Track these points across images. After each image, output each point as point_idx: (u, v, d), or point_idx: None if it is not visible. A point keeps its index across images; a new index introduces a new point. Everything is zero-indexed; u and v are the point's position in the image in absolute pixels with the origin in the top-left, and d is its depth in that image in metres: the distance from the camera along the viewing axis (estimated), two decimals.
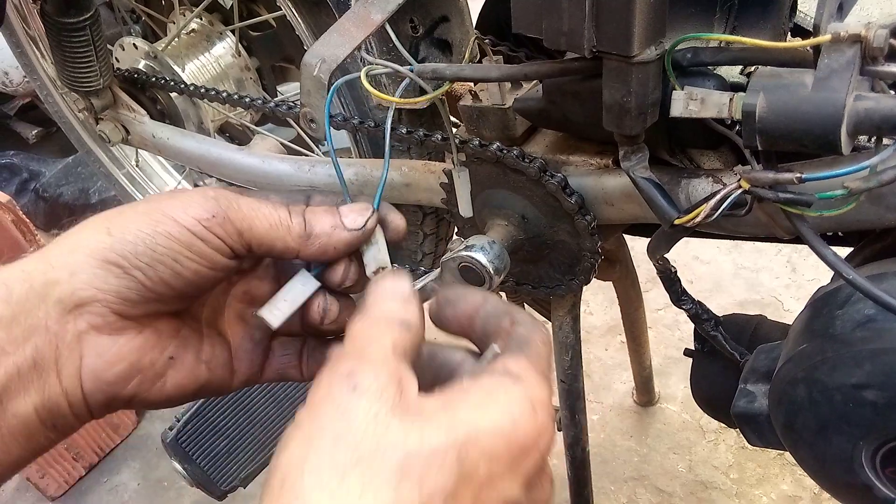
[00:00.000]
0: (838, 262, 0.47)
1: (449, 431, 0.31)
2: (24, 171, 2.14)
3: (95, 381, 0.39)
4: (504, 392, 0.34)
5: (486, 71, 0.64)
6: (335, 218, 0.42)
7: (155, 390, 0.42)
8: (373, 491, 0.29)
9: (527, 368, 0.35)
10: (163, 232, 0.39)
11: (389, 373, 0.33)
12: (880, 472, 0.54)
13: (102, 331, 0.39)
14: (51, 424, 0.39)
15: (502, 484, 0.32)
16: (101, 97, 1.01)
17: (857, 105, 0.43)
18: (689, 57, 0.53)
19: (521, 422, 0.33)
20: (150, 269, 0.38)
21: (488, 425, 0.32)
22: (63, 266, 0.38)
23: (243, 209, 0.40)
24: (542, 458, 0.34)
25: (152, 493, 1.39)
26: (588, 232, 0.67)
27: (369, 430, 0.30)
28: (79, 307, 0.38)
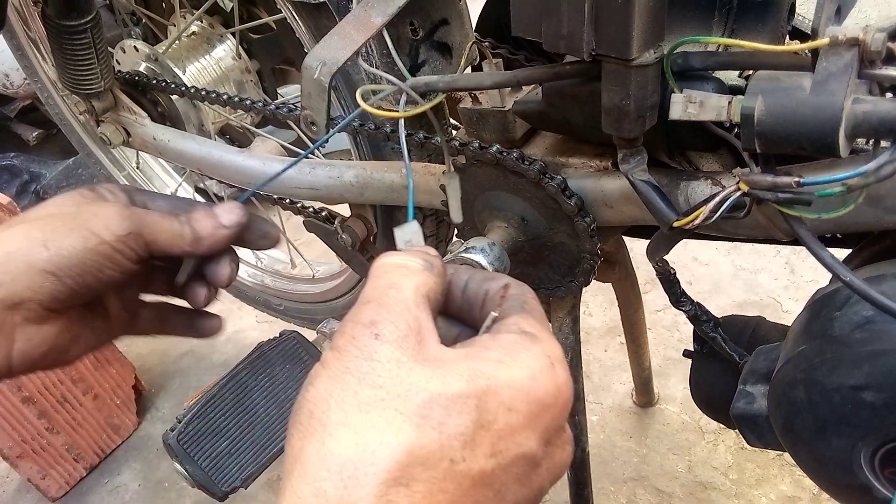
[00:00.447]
0: (836, 264, 0.47)
1: (470, 381, 0.32)
2: (24, 173, 2.14)
3: (24, 358, 0.49)
4: (524, 349, 0.35)
5: (479, 80, 0.64)
6: (214, 218, 0.52)
7: (61, 359, 0.51)
8: (395, 429, 0.31)
9: (538, 327, 0.37)
10: (92, 248, 0.47)
11: (409, 322, 0.34)
12: (879, 472, 0.54)
13: (32, 322, 0.48)
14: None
15: (520, 437, 0.33)
16: (103, 99, 1.01)
17: (854, 108, 0.44)
18: (688, 60, 0.53)
19: (541, 378, 0.34)
20: (79, 277, 0.47)
21: (508, 379, 0.33)
22: (5, 273, 0.46)
23: (150, 225, 0.50)
24: (560, 416, 0.35)
25: (153, 493, 1.39)
26: (587, 234, 0.67)
27: (393, 372, 0.32)
28: (17, 305, 0.47)
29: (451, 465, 0.31)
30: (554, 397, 0.34)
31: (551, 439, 0.35)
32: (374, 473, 0.30)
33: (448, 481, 0.31)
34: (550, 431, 0.34)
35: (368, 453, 0.30)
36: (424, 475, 0.30)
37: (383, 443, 0.30)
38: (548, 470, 0.35)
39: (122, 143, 1.06)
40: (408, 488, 0.30)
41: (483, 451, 0.32)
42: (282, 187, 0.90)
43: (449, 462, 0.31)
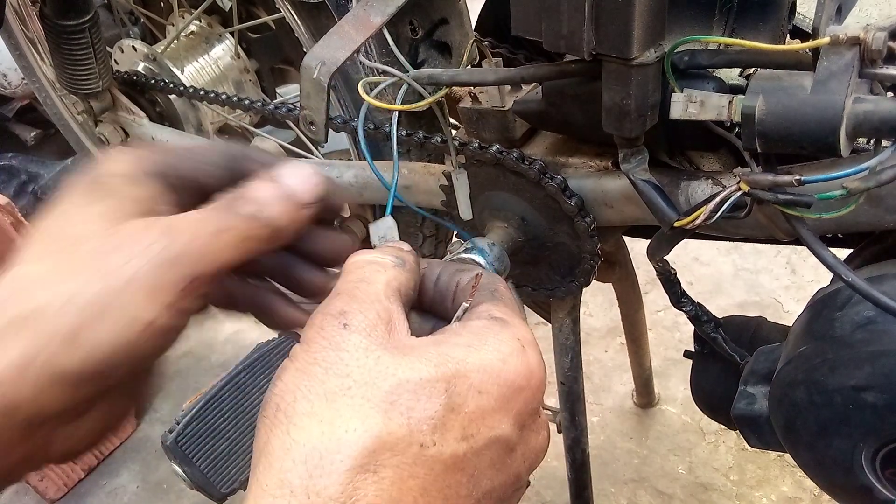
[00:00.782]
0: (837, 264, 0.47)
1: (438, 365, 0.32)
2: (22, 174, 2.14)
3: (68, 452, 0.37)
4: (493, 333, 0.34)
5: (483, 75, 0.64)
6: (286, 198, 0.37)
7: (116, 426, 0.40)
8: (361, 416, 0.30)
9: (508, 313, 0.36)
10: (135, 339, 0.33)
11: (378, 312, 0.34)
12: (880, 473, 0.54)
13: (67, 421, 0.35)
14: None
15: (492, 420, 0.32)
16: (100, 99, 1.01)
17: (855, 107, 0.43)
18: (688, 59, 0.53)
19: (511, 360, 0.33)
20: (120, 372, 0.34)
21: (478, 362, 0.33)
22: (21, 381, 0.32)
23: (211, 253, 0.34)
24: (534, 399, 0.34)
25: (152, 495, 1.39)
26: (588, 234, 0.67)
27: (360, 361, 0.32)
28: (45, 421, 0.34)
29: (420, 450, 0.30)
30: (526, 379, 0.34)
31: (525, 423, 0.34)
32: (340, 461, 0.29)
33: (418, 466, 0.30)
34: (524, 415, 0.34)
35: (334, 441, 0.30)
36: (393, 461, 0.30)
37: (349, 430, 0.30)
38: (523, 455, 0.35)
39: (120, 143, 1.06)
40: (375, 474, 0.30)
41: (454, 434, 0.31)
42: None
43: (419, 447, 0.30)
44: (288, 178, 0.37)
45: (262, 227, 0.36)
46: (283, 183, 0.37)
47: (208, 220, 0.36)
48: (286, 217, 0.36)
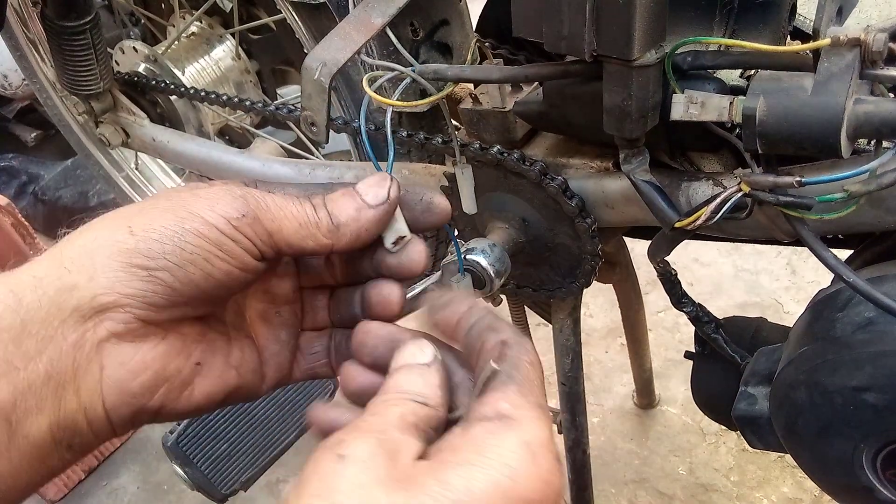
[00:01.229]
0: (838, 264, 0.47)
1: (434, 498, 0.28)
2: (22, 174, 2.14)
3: (119, 393, 0.36)
4: (497, 442, 0.30)
5: (488, 72, 0.64)
6: (356, 199, 0.39)
7: (183, 399, 0.38)
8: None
9: (520, 404, 0.32)
10: (191, 230, 0.35)
11: (381, 441, 0.31)
12: (881, 474, 0.54)
13: (124, 338, 0.36)
14: (66, 445, 0.35)
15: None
16: (101, 100, 1.01)
17: (856, 108, 0.43)
18: (689, 60, 0.53)
19: (521, 473, 0.30)
20: (179, 270, 0.35)
21: (482, 485, 0.29)
22: (80, 269, 0.35)
23: (272, 209, 0.37)
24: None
25: (152, 496, 1.39)
26: (588, 235, 0.67)
27: (349, 495, 0.28)
28: (99, 314, 0.35)
29: None
30: (541, 492, 0.30)
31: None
32: None
33: None
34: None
35: None
36: None
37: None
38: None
39: (120, 144, 1.06)
40: None
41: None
42: None
43: None
44: (359, 184, 0.40)
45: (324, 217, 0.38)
46: (354, 188, 0.40)
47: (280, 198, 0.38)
48: (347, 214, 0.39)
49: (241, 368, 0.41)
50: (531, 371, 0.34)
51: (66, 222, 2.03)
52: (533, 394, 0.33)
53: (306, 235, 0.38)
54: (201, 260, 0.36)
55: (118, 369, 0.36)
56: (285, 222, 0.38)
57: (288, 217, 0.38)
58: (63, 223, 2.02)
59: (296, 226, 0.38)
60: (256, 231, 0.37)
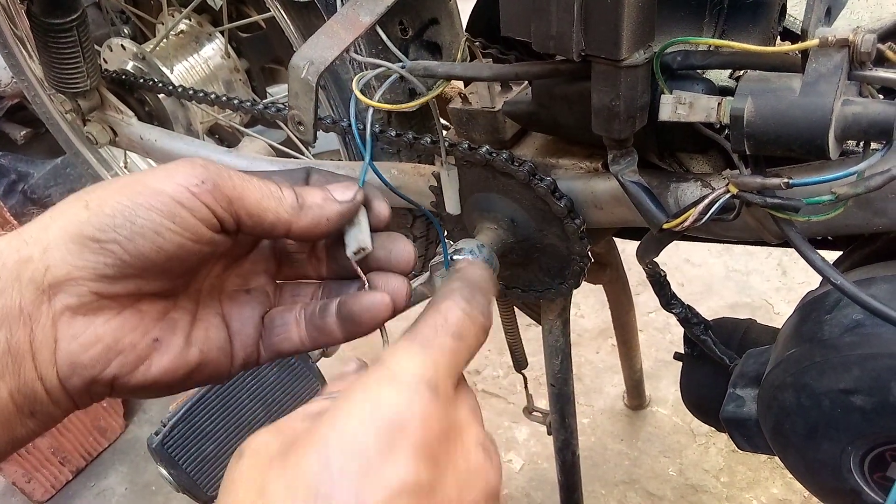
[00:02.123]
0: (826, 267, 0.47)
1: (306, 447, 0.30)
2: (12, 173, 2.12)
3: (71, 364, 0.37)
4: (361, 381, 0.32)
5: (478, 70, 0.63)
6: (325, 191, 0.41)
7: (139, 374, 0.39)
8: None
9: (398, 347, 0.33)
10: (143, 203, 0.36)
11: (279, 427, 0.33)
12: (868, 477, 0.54)
13: (78, 312, 0.37)
14: (28, 411, 0.37)
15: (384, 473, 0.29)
16: (89, 98, 1.00)
17: (844, 110, 0.43)
18: (679, 60, 0.53)
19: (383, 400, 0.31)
20: (128, 243, 0.36)
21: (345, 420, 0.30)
22: (36, 242, 0.36)
23: (234, 178, 0.38)
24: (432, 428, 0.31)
25: (140, 497, 1.38)
26: (577, 236, 0.66)
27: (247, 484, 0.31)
28: (53, 287, 0.36)
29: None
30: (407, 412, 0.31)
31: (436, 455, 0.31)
32: None
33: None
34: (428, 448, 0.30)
35: None
36: None
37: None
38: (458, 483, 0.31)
39: (108, 143, 1.05)
40: None
41: None
42: None
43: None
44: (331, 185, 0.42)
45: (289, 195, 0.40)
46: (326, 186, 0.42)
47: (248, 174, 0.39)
48: (314, 199, 0.40)
49: (205, 346, 0.42)
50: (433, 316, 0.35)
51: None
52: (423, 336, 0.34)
53: (267, 207, 0.39)
54: (151, 233, 0.36)
55: (70, 342, 0.37)
56: (246, 192, 0.38)
57: (250, 188, 0.39)
58: None
59: (257, 196, 0.39)
60: (216, 197, 0.37)
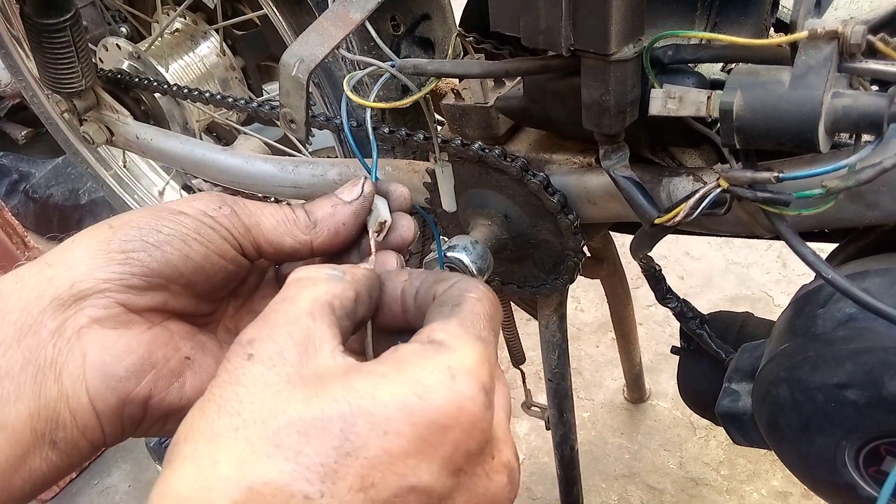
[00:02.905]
0: (817, 261, 0.46)
1: (337, 401, 0.28)
2: (13, 173, 2.13)
3: (104, 377, 0.35)
4: (418, 361, 0.29)
5: (468, 67, 0.63)
6: (332, 198, 0.41)
7: (174, 392, 0.37)
8: (239, 461, 0.27)
9: (457, 334, 0.31)
10: (168, 217, 0.37)
11: (292, 335, 0.30)
12: (864, 471, 0.53)
13: (106, 324, 0.35)
14: (50, 440, 0.34)
15: (402, 465, 0.27)
16: (84, 98, 1.00)
17: (834, 102, 0.43)
18: (670, 54, 0.52)
19: (433, 393, 0.28)
20: (155, 250, 0.36)
21: (386, 397, 0.28)
22: (59, 263, 0.35)
23: (249, 206, 0.39)
24: (469, 439, 0.29)
25: (143, 495, 1.38)
26: (571, 231, 0.66)
27: (257, 396, 0.28)
28: (78, 300, 0.35)
29: (304, 502, 0.26)
30: (453, 418, 0.28)
31: (462, 468, 0.29)
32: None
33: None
34: (458, 459, 0.29)
35: (204, 491, 0.26)
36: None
37: (221, 478, 0.26)
38: (473, 502, 0.30)
39: (105, 143, 1.05)
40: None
41: (348, 483, 0.27)
42: (266, 186, 0.89)
43: (302, 498, 0.26)
44: (337, 190, 0.42)
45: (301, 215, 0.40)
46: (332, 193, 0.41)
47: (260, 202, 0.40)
48: (324, 210, 0.40)
49: None
50: (477, 305, 0.33)
51: (56, 220, 2.01)
52: (475, 326, 0.32)
53: (284, 232, 0.39)
54: (178, 241, 0.36)
55: (101, 353, 0.35)
56: (262, 218, 0.39)
57: (265, 214, 0.39)
58: (54, 221, 2.01)
59: (273, 222, 0.39)
60: (234, 223, 0.38)
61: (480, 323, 0.32)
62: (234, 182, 0.92)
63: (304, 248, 0.40)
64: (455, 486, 0.29)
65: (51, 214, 2.03)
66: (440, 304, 0.33)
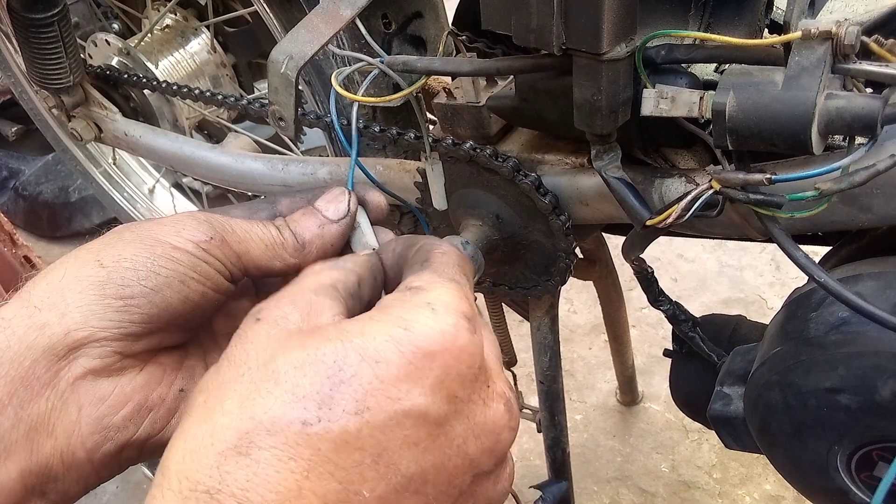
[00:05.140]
0: (810, 264, 0.46)
1: (330, 340, 0.30)
2: (3, 170, 2.11)
3: (101, 429, 0.35)
4: (399, 303, 0.32)
5: (459, 65, 0.62)
6: (318, 216, 0.41)
7: (170, 429, 0.37)
8: (242, 398, 0.29)
9: (429, 279, 0.33)
10: (162, 254, 0.36)
11: (296, 303, 0.33)
12: (856, 476, 0.53)
13: (101, 374, 0.35)
14: (39, 491, 0.34)
15: (396, 390, 0.29)
16: (72, 94, 0.99)
17: (827, 104, 0.42)
18: (663, 54, 0.52)
19: (417, 324, 0.30)
20: (155, 295, 0.35)
21: (374, 331, 0.30)
22: (50, 307, 0.34)
23: (237, 232, 0.38)
24: (459, 364, 0.30)
25: (131, 495, 1.37)
26: (563, 232, 0.65)
27: (261, 347, 0.31)
28: (73, 351, 0.34)
29: (303, 428, 0.28)
30: (438, 343, 0.30)
31: (456, 394, 0.30)
32: (210, 445, 0.28)
33: (301, 446, 0.28)
34: (450, 384, 0.30)
35: (210, 426, 0.29)
36: (269, 441, 0.28)
37: (226, 413, 0.29)
38: (469, 432, 0.31)
39: (93, 139, 1.04)
40: (248, 457, 0.28)
41: (344, 407, 0.28)
42: (256, 185, 0.88)
43: (300, 425, 0.28)
44: (318, 201, 0.41)
45: (289, 237, 0.40)
46: (313, 205, 0.41)
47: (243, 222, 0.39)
48: (311, 231, 0.40)
49: None
50: (444, 257, 0.36)
51: (46, 218, 1.98)
52: (447, 272, 0.34)
53: (273, 256, 0.39)
54: (177, 283, 0.36)
55: (98, 406, 0.35)
56: (252, 244, 0.39)
57: (254, 239, 0.39)
58: (44, 218, 1.99)
59: (262, 247, 0.39)
60: (225, 253, 0.38)
61: (451, 270, 0.35)
62: (224, 180, 0.91)
63: (292, 270, 0.40)
64: (452, 412, 0.30)
65: (40, 212, 2.01)
66: (411, 264, 0.36)
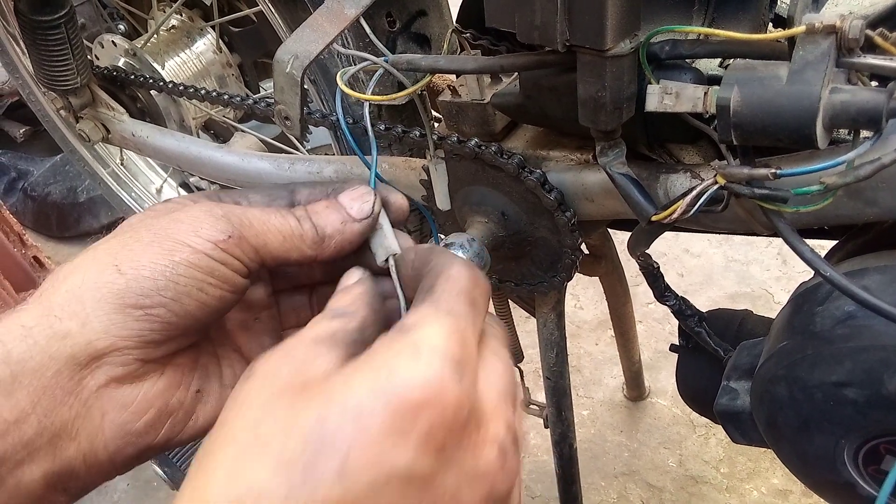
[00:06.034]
0: (815, 258, 0.46)
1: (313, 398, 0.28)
2: (11, 171, 2.12)
3: (125, 435, 0.36)
4: (385, 348, 0.30)
5: (463, 62, 0.63)
6: (341, 212, 0.40)
7: (188, 430, 0.39)
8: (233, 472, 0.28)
9: (423, 313, 0.31)
10: (181, 261, 0.35)
11: (289, 353, 0.31)
12: (863, 470, 0.53)
13: (123, 381, 0.35)
14: (61, 488, 0.35)
15: (381, 447, 0.27)
16: (80, 96, 0.99)
17: (832, 98, 0.42)
18: (667, 50, 0.52)
19: (400, 373, 0.28)
20: (175, 304, 0.35)
21: (358, 382, 0.28)
22: (71, 315, 0.34)
23: (255, 225, 0.38)
24: (449, 414, 0.28)
25: (142, 493, 1.38)
26: (568, 228, 0.66)
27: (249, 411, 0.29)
28: (95, 360, 0.34)
29: (289, 493, 0.26)
30: (422, 393, 0.28)
31: (444, 446, 0.28)
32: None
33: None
34: (438, 436, 0.28)
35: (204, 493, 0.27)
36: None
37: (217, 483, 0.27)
38: (460, 479, 0.29)
39: (101, 140, 1.04)
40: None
41: (325, 471, 0.26)
42: (262, 183, 0.88)
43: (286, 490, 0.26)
44: (342, 196, 0.41)
45: (309, 230, 0.39)
46: (337, 199, 0.41)
47: (261, 212, 0.38)
48: (333, 226, 0.39)
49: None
50: (449, 282, 0.33)
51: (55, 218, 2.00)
52: (446, 303, 0.32)
53: (290, 248, 0.39)
54: (196, 291, 0.36)
55: (121, 413, 0.36)
56: (270, 236, 0.38)
57: (272, 231, 0.38)
58: (52, 219, 2.01)
59: (280, 239, 0.38)
60: (244, 249, 0.37)
61: (452, 299, 0.32)
62: (231, 180, 0.91)
63: (307, 262, 0.40)
64: (440, 465, 0.28)
65: (49, 212, 2.03)
66: (420, 290, 0.34)
